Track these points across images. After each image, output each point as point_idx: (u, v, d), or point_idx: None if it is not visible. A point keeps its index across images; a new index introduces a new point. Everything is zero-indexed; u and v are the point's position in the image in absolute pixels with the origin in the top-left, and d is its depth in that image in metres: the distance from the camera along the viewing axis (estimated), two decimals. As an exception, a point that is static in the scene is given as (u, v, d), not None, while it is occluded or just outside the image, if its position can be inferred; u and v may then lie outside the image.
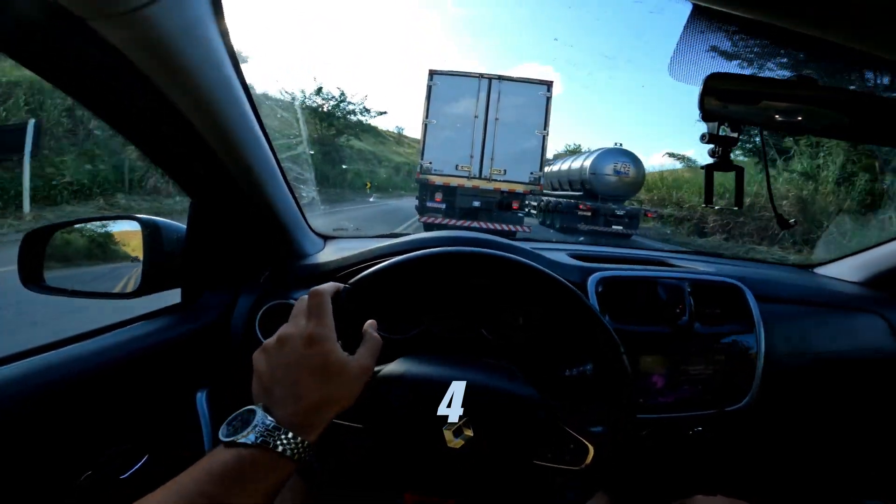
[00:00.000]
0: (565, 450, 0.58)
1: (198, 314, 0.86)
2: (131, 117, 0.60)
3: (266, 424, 0.43)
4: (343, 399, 0.49)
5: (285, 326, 0.51)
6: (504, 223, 8.56)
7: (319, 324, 0.50)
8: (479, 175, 8.65)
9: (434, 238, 0.92)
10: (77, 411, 0.64)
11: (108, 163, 8.46)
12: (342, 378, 0.49)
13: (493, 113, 8.66)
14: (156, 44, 0.48)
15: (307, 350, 0.48)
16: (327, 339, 0.49)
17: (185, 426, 0.78)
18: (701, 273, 1.06)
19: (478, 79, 8.71)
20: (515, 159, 8.64)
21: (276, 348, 0.49)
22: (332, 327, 0.51)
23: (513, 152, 8.64)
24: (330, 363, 0.48)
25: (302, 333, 0.49)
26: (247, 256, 0.91)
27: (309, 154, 1.86)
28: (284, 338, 0.50)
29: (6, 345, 0.67)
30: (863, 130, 0.57)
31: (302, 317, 0.51)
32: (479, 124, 8.66)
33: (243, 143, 0.70)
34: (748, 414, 0.95)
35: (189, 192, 0.78)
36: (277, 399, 0.46)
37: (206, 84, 0.57)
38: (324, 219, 9.01)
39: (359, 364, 0.51)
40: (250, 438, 0.42)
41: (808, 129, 0.57)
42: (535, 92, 8.68)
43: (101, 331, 0.73)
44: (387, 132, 41.59)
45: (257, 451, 0.42)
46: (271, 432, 0.43)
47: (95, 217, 1.13)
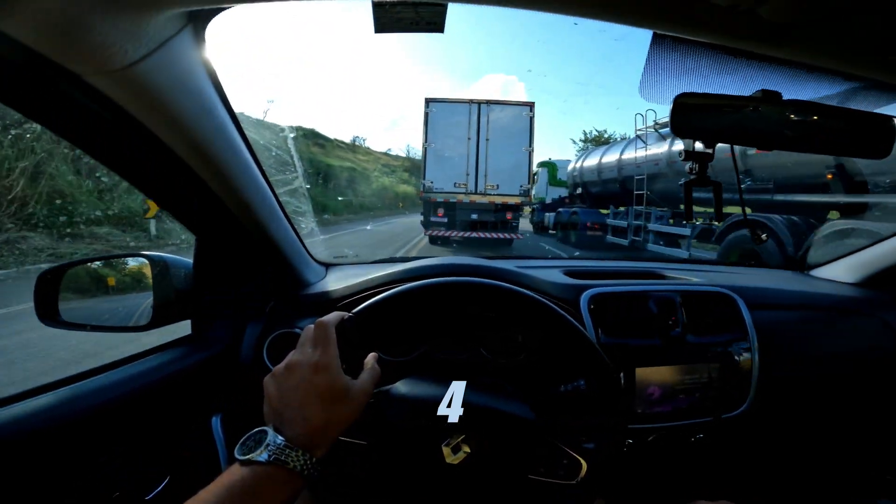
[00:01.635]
0: (559, 465, 0.60)
1: (208, 344, 0.89)
2: (132, 164, 0.64)
3: (277, 443, 0.48)
4: (346, 420, 0.53)
5: (293, 354, 0.56)
6: (500, 232, 9.63)
7: (325, 352, 0.55)
8: (475, 190, 9.61)
9: (431, 266, 0.94)
10: (103, 438, 0.67)
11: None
12: (345, 402, 0.53)
13: (484, 134, 9.62)
14: (150, 96, 0.52)
15: (314, 376, 0.53)
16: (332, 366, 0.54)
17: (202, 449, 0.82)
18: (692, 284, 1.07)
19: (468, 104, 9.67)
20: (506, 175, 9.54)
21: (285, 374, 0.54)
22: (337, 355, 0.55)
23: (504, 168, 9.54)
24: (335, 388, 0.53)
25: (309, 361, 0.54)
26: (252, 288, 0.94)
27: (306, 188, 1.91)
28: (293, 364, 0.54)
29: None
30: (830, 142, 0.59)
31: (309, 345, 0.56)
32: (472, 145, 9.61)
33: (241, 183, 0.73)
34: (747, 420, 0.95)
35: (193, 229, 0.82)
36: (287, 420, 0.50)
37: (201, 130, 0.61)
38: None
39: (360, 389, 0.56)
40: (264, 456, 0.46)
41: (776, 143, 0.59)
42: (519, 113, 9.70)
43: (119, 363, 0.77)
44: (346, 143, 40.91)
45: (270, 467, 0.46)
46: (282, 450, 0.47)
47: (106, 255, 1.18)
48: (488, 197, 9.61)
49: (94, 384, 0.70)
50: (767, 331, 1.00)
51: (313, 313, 0.93)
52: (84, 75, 0.46)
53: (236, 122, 0.68)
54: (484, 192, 9.64)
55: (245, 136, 0.72)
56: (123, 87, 0.49)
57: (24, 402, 0.62)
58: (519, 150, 9.61)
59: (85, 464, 0.65)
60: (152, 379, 0.77)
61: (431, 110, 9.69)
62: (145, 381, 0.76)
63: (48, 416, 0.62)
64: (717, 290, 1.02)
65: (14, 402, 0.61)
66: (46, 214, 7.17)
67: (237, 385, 0.87)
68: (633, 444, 0.89)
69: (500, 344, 0.89)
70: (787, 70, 0.60)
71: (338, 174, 23.72)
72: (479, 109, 9.65)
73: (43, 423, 0.61)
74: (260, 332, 0.90)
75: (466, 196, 9.63)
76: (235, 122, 0.68)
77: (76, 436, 0.64)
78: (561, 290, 0.97)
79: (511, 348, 0.89)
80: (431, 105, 9.71)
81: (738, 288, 1.04)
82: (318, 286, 1.02)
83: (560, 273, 1.10)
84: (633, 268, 1.27)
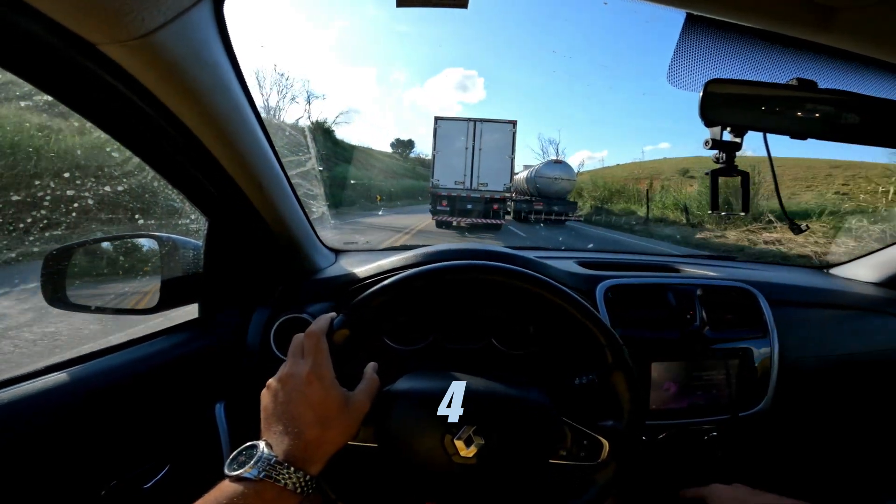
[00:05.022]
0: (580, 446, 0.58)
1: (215, 329, 0.88)
2: (145, 139, 0.62)
3: (268, 459, 0.46)
4: (342, 433, 0.52)
5: (284, 366, 0.54)
6: (489, 218, 13.02)
7: (316, 363, 0.53)
8: (471, 187, 13.02)
9: (441, 251, 0.92)
10: (103, 423, 0.66)
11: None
12: (341, 414, 0.51)
13: (478, 144, 13.10)
14: (165, 68, 0.50)
15: (307, 388, 0.51)
16: (325, 377, 0.52)
17: (204, 437, 0.80)
18: (711, 278, 1.05)
19: (466, 122, 13.24)
20: (494, 175, 13.00)
21: (279, 387, 0.52)
22: (329, 365, 0.54)
23: (492, 171, 13.00)
24: (329, 400, 0.51)
25: (301, 373, 0.52)
26: (261, 272, 0.93)
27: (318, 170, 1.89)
28: (286, 377, 0.53)
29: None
30: (865, 132, 0.57)
31: (300, 356, 0.55)
32: (468, 153, 13.11)
33: (253, 162, 0.71)
34: (765, 419, 0.93)
35: (204, 210, 0.81)
36: (280, 435, 0.49)
37: (215, 105, 0.59)
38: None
39: (356, 400, 0.54)
40: (254, 473, 0.45)
41: (810, 133, 0.57)
42: (505, 129, 13.20)
43: (123, 346, 0.76)
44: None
45: (261, 484, 0.44)
46: (273, 467, 0.45)
47: (114, 236, 1.16)
48: (480, 192, 12.92)
49: (95, 367, 0.69)
50: (787, 328, 0.98)
51: (323, 298, 0.92)
52: (99, 44, 0.45)
53: (251, 100, 0.67)
54: (477, 188, 12.97)
55: (259, 115, 0.70)
56: (138, 57, 0.48)
57: (24, 384, 0.61)
58: (504, 157, 13.13)
59: (82, 449, 0.63)
60: (155, 363, 0.75)
61: (439, 126, 13.17)
62: (148, 365, 0.74)
63: (47, 399, 0.61)
64: (737, 284, 1.00)
65: (15, 384, 0.60)
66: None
67: (243, 371, 0.86)
68: (645, 440, 0.88)
69: (512, 335, 0.88)
70: (824, 58, 0.57)
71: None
72: (475, 126, 13.13)
73: (42, 405, 0.60)
74: (267, 317, 0.89)
75: (464, 190, 12.96)
76: (250, 100, 0.66)
77: (74, 420, 0.62)
78: (576, 281, 0.95)
79: (524, 340, 0.88)
80: (439, 122, 13.21)
81: (758, 283, 1.02)
82: (328, 271, 1.01)
83: (574, 263, 1.08)
84: (648, 261, 1.25)
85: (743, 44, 0.57)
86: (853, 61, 0.57)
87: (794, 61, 0.59)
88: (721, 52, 0.58)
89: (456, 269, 0.63)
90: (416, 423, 0.56)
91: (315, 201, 1.71)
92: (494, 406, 0.57)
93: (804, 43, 0.54)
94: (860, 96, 0.56)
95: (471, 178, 12.98)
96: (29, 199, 3.57)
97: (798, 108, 0.57)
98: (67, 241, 0.80)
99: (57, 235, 3.18)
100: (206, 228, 0.83)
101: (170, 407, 0.77)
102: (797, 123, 0.57)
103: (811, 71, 0.58)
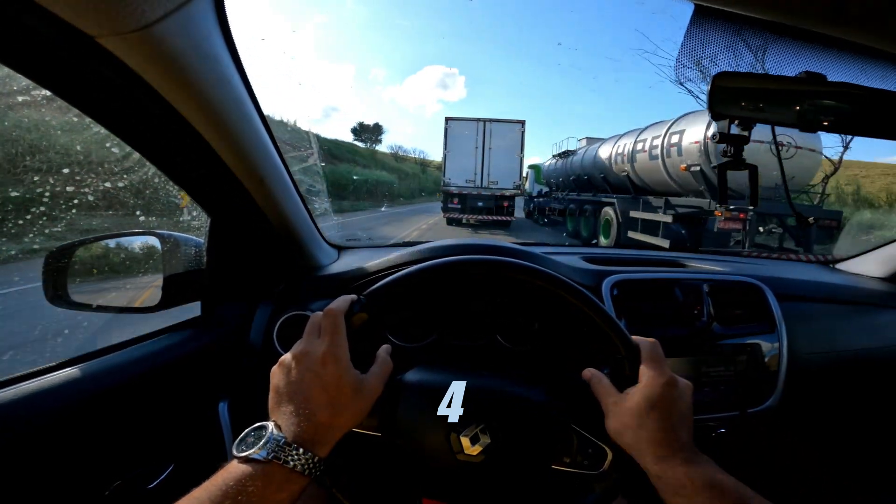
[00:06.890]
0: (584, 454, 0.58)
1: (217, 326, 0.87)
2: (145, 134, 0.62)
3: (277, 440, 0.45)
4: (353, 417, 0.50)
5: (300, 343, 0.53)
6: (499, 215, 13.29)
7: (333, 343, 0.51)
8: (481, 185, 13.39)
9: (447, 246, 0.92)
10: (105, 422, 0.65)
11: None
12: (354, 397, 0.50)
13: (488, 144, 13.43)
14: (165, 61, 0.49)
15: (321, 369, 0.50)
16: (340, 358, 0.51)
17: (208, 436, 0.80)
18: (718, 273, 1.04)
19: (476, 122, 13.46)
20: (504, 174, 13.39)
21: (292, 364, 0.51)
22: (346, 347, 0.52)
23: (502, 169, 13.37)
24: (343, 382, 0.50)
25: (316, 352, 0.51)
26: (264, 269, 0.92)
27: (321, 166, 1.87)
28: (300, 355, 0.51)
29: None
30: (874, 126, 0.56)
31: (316, 335, 0.53)
32: (479, 152, 13.43)
33: (255, 157, 0.71)
34: (773, 415, 0.93)
35: (206, 207, 0.80)
36: (290, 415, 0.47)
37: (216, 99, 0.58)
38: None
39: (369, 384, 0.53)
40: (262, 454, 0.44)
41: (819, 126, 0.56)
42: (514, 128, 13.52)
43: (125, 344, 0.75)
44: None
45: (269, 466, 0.43)
46: (283, 448, 0.44)
47: (116, 234, 1.14)
48: (490, 190, 13.31)
49: (97, 366, 0.68)
50: (796, 324, 0.97)
51: (326, 295, 0.91)
52: (97, 37, 0.44)
53: (252, 95, 0.66)
54: (487, 186, 13.34)
55: (261, 110, 0.69)
56: (138, 50, 0.47)
57: (25, 383, 0.60)
58: (513, 156, 13.47)
59: (84, 449, 0.63)
60: (158, 362, 0.75)
61: (450, 126, 13.51)
62: (151, 363, 0.73)
63: (49, 399, 0.60)
64: (745, 279, 0.99)
65: (18, 383, 0.60)
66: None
67: (246, 369, 0.86)
68: None
69: (516, 331, 0.87)
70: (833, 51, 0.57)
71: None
72: (485, 126, 13.40)
73: (44, 405, 0.59)
74: (270, 314, 0.88)
75: (474, 189, 13.31)
76: (251, 94, 0.66)
77: (77, 419, 0.62)
78: (582, 276, 0.95)
79: (528, 336, 0.87)
80: (450, 122, 13.55)
81: (766, 278, 1.02)
82: (331, 268, 1.00)
83: (580, 259, 1.07)
84: (654, 256, 1.25)
85: (751, 36, 0.56)
86: (863, 54, 0.56)
87: (802, 54, 0.58)
88: (727, 45, 0.57)
89: (482, 263, 0.62)
90: (424, 417, 0.56)
91: (317, 197, 1.69)
92: (502, 405, 0.56)
93: (813, 35, 0.53)
94: (869, 89, 0.56)
95: (481, 177, 13.40)
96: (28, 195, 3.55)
97: (807, 101, 0.56)
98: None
99: (56, 233, 3.16)
100: (207, 225, 0.83)
101: (173, 406, 0.77)
102: (807, 117, 0.56)
103: (820, 64, 0.57)
